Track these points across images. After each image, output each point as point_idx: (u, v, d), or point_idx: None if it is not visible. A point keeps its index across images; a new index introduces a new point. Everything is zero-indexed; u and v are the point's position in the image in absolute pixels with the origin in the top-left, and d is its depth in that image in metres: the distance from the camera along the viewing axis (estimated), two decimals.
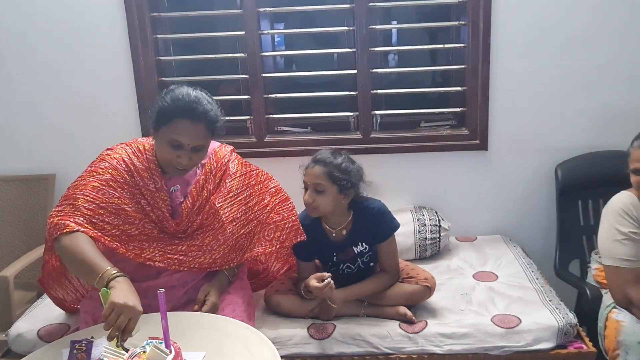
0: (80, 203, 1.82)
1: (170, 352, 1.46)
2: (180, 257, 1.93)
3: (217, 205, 1.97)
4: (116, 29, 2.62)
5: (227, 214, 1.98)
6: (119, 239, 1.87)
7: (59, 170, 2.74)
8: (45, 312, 2.21)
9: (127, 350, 1.49)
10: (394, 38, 2.92)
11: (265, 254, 2.21)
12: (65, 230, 1.75)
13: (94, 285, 1.63)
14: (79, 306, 2.13)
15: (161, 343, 1.48)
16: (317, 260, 2.25)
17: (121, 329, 1.50)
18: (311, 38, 2.92)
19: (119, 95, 2.71)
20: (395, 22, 2.85)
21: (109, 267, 1.63)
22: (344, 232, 2.14)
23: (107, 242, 1.84)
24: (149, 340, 1.50)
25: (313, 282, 1.98)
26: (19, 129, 2.77)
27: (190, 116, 1.81)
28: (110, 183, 1.88)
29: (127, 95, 2.70)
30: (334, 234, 2.14)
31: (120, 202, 1.87)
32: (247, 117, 2.76)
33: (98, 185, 1.87)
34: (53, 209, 1.88)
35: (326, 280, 1.96)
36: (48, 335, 2.06)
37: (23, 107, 2.74)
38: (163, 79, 2.71)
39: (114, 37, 2.63)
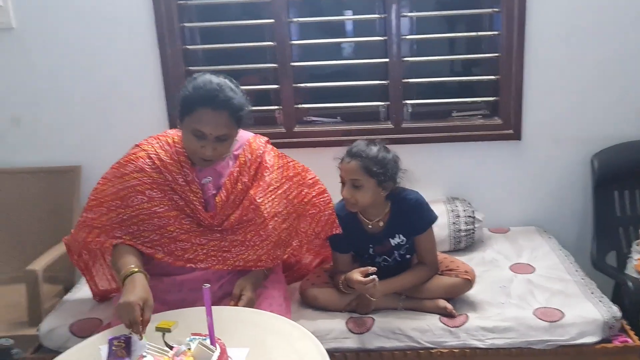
0: (113, 215, 1.85)
1: (216, 349, 1.42)
2: (224, 254, 1.89)
3: (258, 201, 1.92)
4: (143, 18, 2.57)
5: (268, 209, 1.94)
6: (159, 242, 1.85)
7: (85, 162, 2.69)
8: (75, 307, 2.18)
9: (171, 348, 1.45)
10: (407, 27, 2.82)
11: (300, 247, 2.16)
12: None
13: None
14: (112, 296, 2.12)
15: (205, 339, 1.44)
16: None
17: (129, 325, 1.52)
18: (318, 28, 2.84)
19: (146, 85, 2.65)
20: (414, 10, 2.75)
21: (125, 268, 1.68)
22: (381, 223, 2.09)
23: (143, 249, 1.83)
24: (192, 337, 1.46)
25: (357, 276, 1.93)
26: (45, 120, 2.72)
27: (211, 104, 1.76)
28: (138, 188, 1.85)
29: (154, 85, 2.65)
30: (370, 226, 2.10)
31: (150, 205, 1.85)
32: (276, 107, 2.71)
33: (126, 193, 1.86)
34: (84, 213, 1.90)
35: (372, 277, 1.91)
36: (80, 330, 2.03)
37: (48, 98, 2.69)
38: (190, 68, 2.66)
39: (141, 26, 2.58)
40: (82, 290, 2.31)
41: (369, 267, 1.96)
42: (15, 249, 2.66)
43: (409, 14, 2.58)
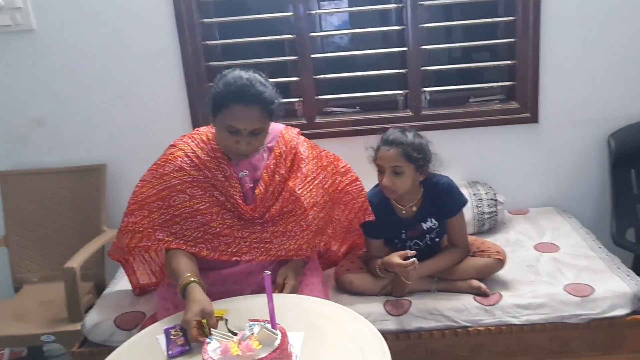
0: (156, 217, 1.89)
1: (278, 333, 1.47)
2: (267, 245, 1.94)
3: (298, 192, 1.96)
4: (163, 16, 2.59)
5: (308, 200, 1.98)
6: (203, 239, 1.89)
7: (110, 160, 2.73)
8: (116, 301, 2.23)
9: (234, 334, 1.49)
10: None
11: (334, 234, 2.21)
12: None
13: None
14: (153, 290, 2.16)
15: (265, 324, 1.48)
16: None
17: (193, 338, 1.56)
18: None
19: (167, 82, 2.68)
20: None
21: (182, 277, 1.73)
22: (414, 208, 2.14)
23: (187, 249, 1.87)
24: (251, 323, 1.50)
25: (397, 259, 1.98)
26: (68, 120, 2.74)
27: (242, 100, 1.78)
28: (178, 187, 1.89)
29: (175, 82, 2.67)
30: (403, 212, 2.15)
31: (192, 203, 1.89)
32: (297, 99, 2.75)
33: (167, 193, 1.89)
34: (125, 217, 1.92)
35: (412, 259, 1.97)
36: (125, 323, 2.08)
37: (71, 98, 2.71)
38: (210, 63, 2.69)
39: (161, 23, 2.60)
40: (119, 285, 2.36)
41: (408, 251, 2.01)
42: (45, 248, 2.69)
43: (426, 2, 2.61)
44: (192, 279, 1.71)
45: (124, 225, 1.93)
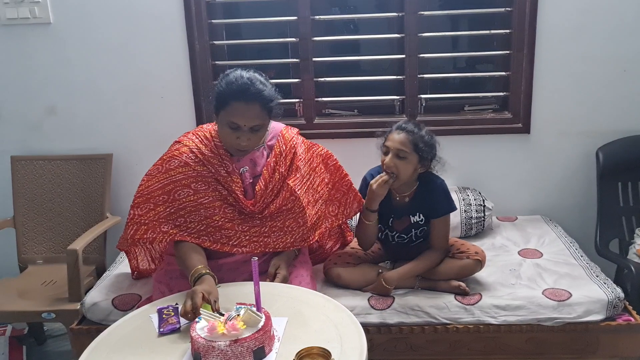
0: (161, 210, 1.99)
1: (262, 315, 1.57)
2: (265, 239, 2.05)
3: (297, 192, 2.06)
4: (173, 15, 2.71)
5: (305, 199, 2.09)
6: (206, 232, 2.00)
7: (116, 150, 2.84)
8: (115, 284, 2.33)
9: (222, 314, 1.60)
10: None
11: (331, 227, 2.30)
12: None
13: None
14: (152, 275, 2.26)
15: (251, 307, 1.58)
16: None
17: (188, 312, 1.65)
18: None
19: (174, 78, 2.80)
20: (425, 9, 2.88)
21: (194, 268, 1.84)
22: (407, 199, 2.24)
23: (193, 240, 1.98)
24: (238, 306, 1.60)
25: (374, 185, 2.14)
26: (78, 110, 2.86)
27: (243, 97, 1.89)
28: (183, 182, 1.99)
29: (182, 79, 2.79)
30: (397, 198, 2.24)
31: (196, 197, 1.99)
32: (296, 100, 2.86)
33: (172, 187, 1.99)
34: (132, 210, 2.01)
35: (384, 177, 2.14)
36: (122, 304, 2.19)
37: (83, 89, 2.83)
38: (216, 62, 2.80)
39: (171, 22, 2.72)
40: (119, 269, 2.47)
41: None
42: (50, 231, 2.81)
43: (426, 12, 2.72)
44: (206, 270, 1.83)
45: (129, 218, 2.03)
